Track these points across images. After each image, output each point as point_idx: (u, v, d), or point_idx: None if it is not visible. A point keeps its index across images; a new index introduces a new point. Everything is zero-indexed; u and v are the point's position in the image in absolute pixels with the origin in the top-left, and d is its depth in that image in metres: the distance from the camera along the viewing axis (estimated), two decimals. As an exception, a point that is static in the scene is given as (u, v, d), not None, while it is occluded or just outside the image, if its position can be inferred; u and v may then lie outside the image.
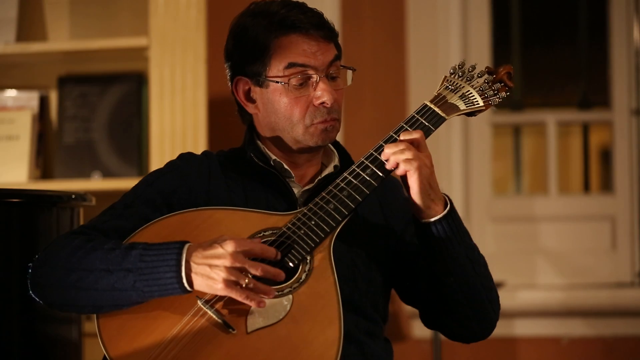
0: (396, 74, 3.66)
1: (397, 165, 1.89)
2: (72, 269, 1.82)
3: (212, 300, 1.81)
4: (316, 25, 2.00)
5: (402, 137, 1.91)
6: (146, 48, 3.25)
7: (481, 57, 3.75)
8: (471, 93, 2.01)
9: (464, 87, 2.02)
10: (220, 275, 1.76)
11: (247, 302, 1.78)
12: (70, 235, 1.89)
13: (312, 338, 1.79)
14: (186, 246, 1.80)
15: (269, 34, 1.99)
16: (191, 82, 3.22)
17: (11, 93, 3.44)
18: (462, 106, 1.99)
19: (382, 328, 2.04)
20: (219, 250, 1.77)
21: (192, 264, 1.78)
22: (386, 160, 1.90)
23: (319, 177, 2.04)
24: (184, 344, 1.79)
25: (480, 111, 2.02)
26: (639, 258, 3.72)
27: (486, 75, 2.04)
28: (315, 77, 1.98)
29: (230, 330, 1.79)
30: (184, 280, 1.78)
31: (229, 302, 1.81)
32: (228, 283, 1.76)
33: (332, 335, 1.80)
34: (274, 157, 2.03)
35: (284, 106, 1.99)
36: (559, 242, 3.75)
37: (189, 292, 1.79)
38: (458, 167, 3.75)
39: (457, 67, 2.05)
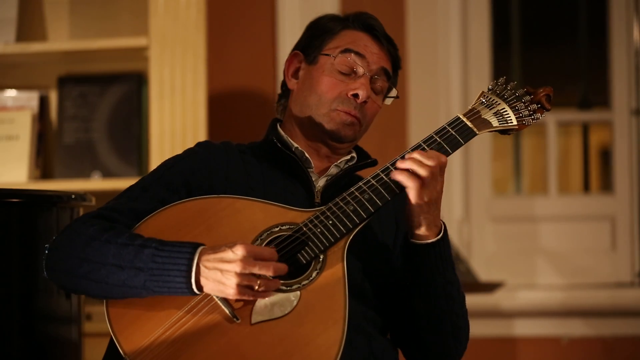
0: (396, 74, 3.65)
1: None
2: (85, 260, 1.83)
3: None
4: (385, 37, 2.09)
5: (416, 155, 1.89)
6: (146, 48, 3.25)
7: (481, 57, 3.75)
8: (506, 111, 2.00)
9: (499, 104, 2.01)
10: (232, 281, 1.77)
11: (255, 299, 1.81)
12: (88, 220, 1.89)
13: (314, 336, 1.80)
14: (198, 250, 1.80)
15: (339, 23, 2.09)
16: (191, 82, 3.22)
17: (11, 93, 3.44)
18: (495, 123, 1.99)
19: (389, 325, 2.05)
20: (229, 254, 1.77)
21: (203, 269, 1.79)
22: (399, 166, 1.90)
23: (336, 163, 2.07)
24: (187, 328, 1.80)
25: (513, 130, 2.00)
26: (639, 258, 3.72)
27: (525, 96, 2.02)
28: (360, 71, 2.04)
29: (235, 319, 1.80)
30: (194, 286, 1.79)
31: None
32: (240, 288, 1.77)
33: (334, 335, 1.80)
34: (296, 145, 2.06)
35: (321, 84, 2.04)
36: (559, 242, 3.75)
37: (197, 295, 1.80)
38: (458, 167, 3.74)
39: (496, 83, 2.04)
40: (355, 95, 2.02)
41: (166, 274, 1.79)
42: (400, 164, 1.89)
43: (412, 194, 1.87)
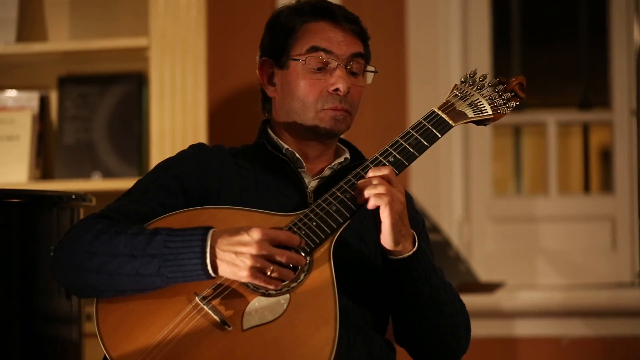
0: (396, 74, 3.66)
1: (367, 200, 1.87)
2: (95, 253, 1.83)
3: (210, 297, 1.82)
4: (346, 18, 2.04)
5: (370, 174, 1.89)
6: (146, 48, 3.25)
7: (481, 57, 3.75)
8: (480, 102, 2.01)
9: (473, 95, 2.01)
10: (246, 263, 1.77)
11: (266, 285, 1.80)
12: (93, 219, 1.89)
13: (307, 337, 1.80)
14: (210, 232, 1.80)
15: (298, 18, 2.04)
16: (191, 83, 3.22)
17: (11, 93, 3.45)
18: (470, 114, 1.99)
19: (386, 324, 2.06)
20: (245, 237, 1.78)
21: (218, 250, 1.79)
22: (359, 194, 1.88)
23: (330, 166, 2.06)
24: (180, 339, 1.80)
25: (489, 120, 2.01)
26: (639, 258, 3.72)
27: (498, 85, 2.03)
28: (333, 64, 2.01)
29: (226, 327, 1.80)
30: (209, 267, 1.79)
31: (225, 298, 1.82)
32: (253, 271, 1.77)
33: (327, 334, 1.80)
34: (286, 146, 2.05)
35: (299, 88, 2.02)
36: (559, 242, 3.75)
37: (212, 278, 1.80)
38: (458, 167, 3.75)
39: (468, 75, 2.05)
40: (336, 89, 2.01)
41: (180, 258, 1.79)
42: (360, 196, 1.88)
43: (386, 212, 1.86)
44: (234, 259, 1.77)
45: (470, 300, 2.07)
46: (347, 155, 2.10)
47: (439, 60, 3.69)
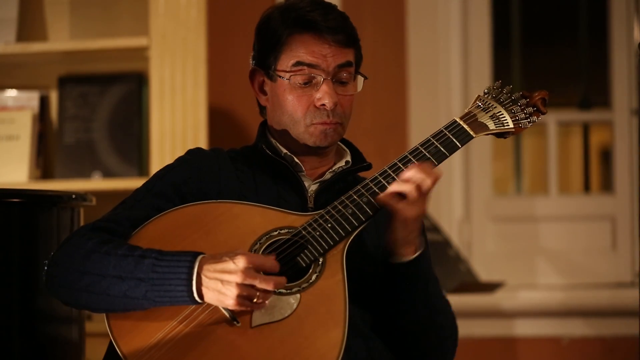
0: (396, 74, 3.66)
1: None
2: (85, 273, 1.83)
3: None
4: (333, 29, 1.99)
5: (415, 169, 1.90)
6: (146, 48, 3.25)
7: (481, 57, 3.75)
8: (502, 114, 2.00)
9: (495, 107, 2.01)
10: (232, 291, 1.77)
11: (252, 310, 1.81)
12: (85, 234, 1.89)
13: (314, 338, 1.80)
14: (198, 259, 1.80)
15: (284, 29, 2.01)
16: (191, 83, 3.22)
17: (11, 93, 3.45)
18: (491, 126, 1.99)
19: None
20: (230, 265, 1.77)
21: (204, 278, 1.79)
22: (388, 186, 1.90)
23: (331, 170, 2.05)
24: (188, 332, 1.80)
25: (510, 133, 2.02)
26: (639, 258, 3.72)
27: (521, 99, 2.03)
28: (319, 78, 1.99)
29: (235, 323, 1.81)
30: (195, 294, 1.79)
31: None
32: (239, 300, 1.77)
33: (335, 337, 1.81)
34: (285, 150, 2.04)
35: (287, 103, 2.00)
36: (559, 242, 3.75)
37: (199, 303, 1.80)
38: (458, 167, 3.75)
39: (491, 87, 2.04)
40: (323, 105, 1.99)
41: (167, 284, 1.79)
42: (393, 187, 1.90)
43: (399, 213, 1.88)
44: (220, 288, 1.77)
45: (470, 300, 2.08)
46: (349, 158, 2.08)
47: (439, 61, 3.69)
